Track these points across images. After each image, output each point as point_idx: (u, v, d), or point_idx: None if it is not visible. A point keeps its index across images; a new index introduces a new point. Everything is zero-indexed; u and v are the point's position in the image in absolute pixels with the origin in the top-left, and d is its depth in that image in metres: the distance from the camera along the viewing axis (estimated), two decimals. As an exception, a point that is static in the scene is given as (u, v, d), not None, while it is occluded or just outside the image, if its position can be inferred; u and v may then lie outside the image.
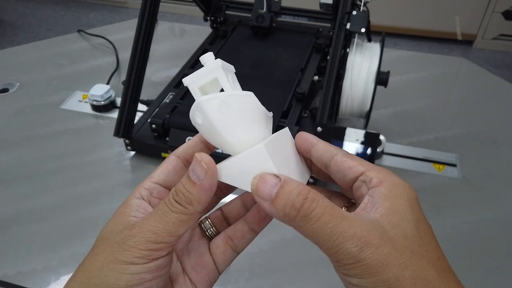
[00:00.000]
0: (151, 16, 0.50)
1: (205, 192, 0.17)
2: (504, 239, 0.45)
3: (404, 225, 0.17)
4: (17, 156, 0.55)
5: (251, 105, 0.19)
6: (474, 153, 0.56)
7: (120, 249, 0.17)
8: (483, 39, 1.75)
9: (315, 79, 0.59)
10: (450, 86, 0.71)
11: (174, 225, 0.17)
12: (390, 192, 0.18)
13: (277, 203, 0.17)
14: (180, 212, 0.17)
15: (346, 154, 0.19)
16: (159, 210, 0.18)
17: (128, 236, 0.17)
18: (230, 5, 0.72)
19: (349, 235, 0.16)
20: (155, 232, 0.17)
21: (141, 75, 0.51)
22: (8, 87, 0.69)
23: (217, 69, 0.19)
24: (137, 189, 0.20)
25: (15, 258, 0.43)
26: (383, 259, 0.15)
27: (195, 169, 0.17)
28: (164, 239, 0.17)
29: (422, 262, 0.16)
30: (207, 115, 0.18)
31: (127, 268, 0.17)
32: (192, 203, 0.17)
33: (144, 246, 0.17)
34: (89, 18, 2.04)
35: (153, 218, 0.18)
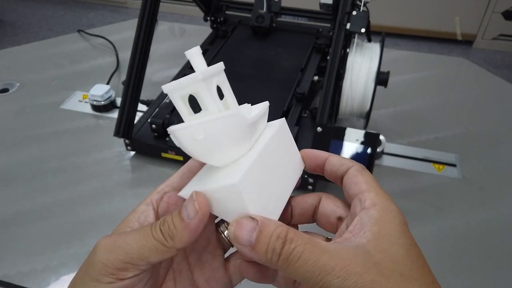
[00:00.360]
0: (151, 16, 0.50)
1: (189, 232, 0.17)
2: (504, 239, 0.45)
3: (393, 249, 0.17)
4: (17, 156, 0.55)
5: (232, 126, 0.18)
6: (474, 153, 0.56)
7: (92, 262, 0.17)
8: (483, 39, 1.75)
9: (315, 79, 0.59)
10: (450, 86, 0.71)
11: (149, 251, 0.17)
12: (381, 216, 0.18)
13: (258, 249, 0.16)
14: (159, 241, 0.17)
15: (358, 169, 0.20)
16: (141, 230, 0.17)
17: (99, 245, 0.17)
18: (230, 5, 0.72)
19: (330, 267, 0.15)
20: (126, 251, 0.17)
21: (141, 75, 0.51)
22: (8, 87, 0.69)
23: (198, 83, 0.18)
24: (150, 193, 0.20)
25: (15, 258, 0.43)
26: (368, 286, 0.15)
27: (187, 207, 0.17)
28: (132, 260, 0.17)
29: (414, 286, 0.16)
30: (182, 144, 0.18)
31: (94, 286, 0.16)
32: (173, 238, 0.17)
33: (111, 263, 0.16)
34: (89, 18, 2.04)
35: (132, 236, 0.17)
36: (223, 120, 0.18)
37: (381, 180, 0.51)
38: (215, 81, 0.18)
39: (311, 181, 0.47)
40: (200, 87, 0.18)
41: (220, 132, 0.18)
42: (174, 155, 0.52)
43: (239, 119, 0.18)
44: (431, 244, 0.44)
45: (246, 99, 0.20)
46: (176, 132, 0.18)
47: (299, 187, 0.22)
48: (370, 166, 0.43)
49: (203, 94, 0.18)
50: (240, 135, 0.18)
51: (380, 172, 0.53)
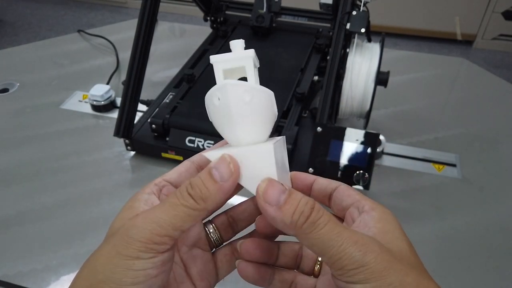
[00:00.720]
0: (151, 16, 0.50)
1: (223, 194, 0.17)
2: (503, 239, 0.45)
3: (398, 243, 0.18)
4: (17, 156, 0.55)
5: (269, 104, 0.19)
6: (474, 153, 0.56)
7: (124, 242, 0.16)
8: (483, 39, 1.75)
9: (315, 79, 0.59)
10: (450, 86, 0.71)
11: (181, 219, 0.17)
12: (381, 216, 0.19)
13: (286, 209, 0.17)
14: (190, 207, 0.17)
15: (348, 186, 0.21)
16: (167, 202, 0.17)
17: (130, 226, 0.17)
18: (230, 5, 0.72)
19: (353, 241, 0.16)
20: (160, 224, 0.17)
21: (141, 75, 0.51)
22: (8, 87, 0.69)
23: (248, 59, 0.19)
24: (147, 185, 0.20)
25: (15, 258, 0.43)
26: (386, 264, 0.16)
27: (220, 168, 0.17)
28: (168, 232, 0.17)
29: (421, 274, 0.17)
30: (229, 100, 0.18)
31: (133, 264, 0.16)
32: (206, 200, 0.17)
33: (149, 239, 0.16)
34: (89, 18, 2.04)
35: (160, 209, 0.17)
36: (267, 94, 0.19)
37: (381, 180, 0.51)
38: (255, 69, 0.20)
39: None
40: (249, 63, 0.19)
41: (262, 103, 0.19)
42: (174, 155, 0.52)
43: (274, 100, 0.20)
44: (431, 244, 0.44)
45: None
46: (229, 86, 0.18)
47: None
48: (370, 166, 0.44)
49: (249, 70, 0.19)
50: (270, 116, 0.19)
51: (380, 172, 0.53)
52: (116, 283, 0.16)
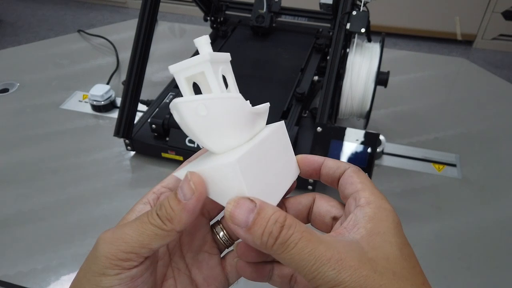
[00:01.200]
0: (151, 16, 0.50)
1: (187, 213, 0.17)
2: (504, 239, 0.45)
3: (386, 247, 0.17)
4: (17, 156, 0.55)
5: (234, 109, 0.18)
6: (474, 153, 0.56)
7: (93, 258, 0.17)
8: (483, 39, 1.76)
9: (315, 79, 0.59)
10: (450, 86, 0.71)
11: (148, 237, 0.17)
12: (375, 214, 0.18)
13: (255, 231, 0.16)
14: (157, 226, 0.17)
15: (354, 170, 0.20)
16: (138, 219, 0.17)
17: (100, 241, 0.17)
18: (230, 5, 0.72)
19: (327, 258, 0.15)
20: (126, 241, 0.17)
21: (141, 75, 0.51)
22: (8, 87, 0.69)
23: (205, 63, 0.18)
24: (146, 194, 0.20)
25: (15, 258, 0.43)
26: (362, 281, 0.15)
27: (183, 188, 0.17)
28: (134, 249, 0.17)
29: (406, 285, 0.16)
30: (184, 118, 0.17)
31: (100, 280, 0.16)
32: (172, 221, 0.17)
33: (115, 256, 0.16)
34: (89, 18, 2.04)
35: (129, 226, 0.17)
36: (227, 101, 0.18)
37: (381, 180, 0.51)
38: (221, 68, 0.19)
39: (311, 181, 0.47)
40: (207, 67, 0.18)
41: (222, 112, 0.18)
42: (174, 155, 0.52)
43: (242, 104, 0.18)
44: (431, 244, 0.44)
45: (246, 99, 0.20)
46: (180, 104, 0.17)
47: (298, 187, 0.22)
48: (370, 166, 0.43)
49: (208, 75, 0.18)
50: (240, 121, 0.18)
51: (380, 172, 0.53)
52: None
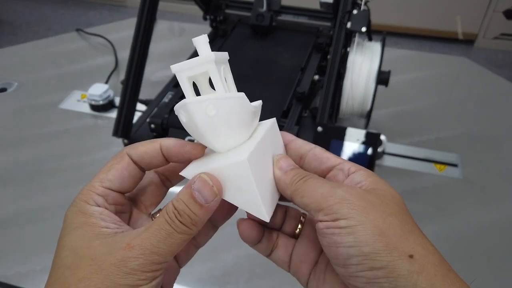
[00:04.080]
0: (150, 15, 0.50)
1: (209, 214, 0.18)
2: (505, 239, 0.45)
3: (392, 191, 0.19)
4: (16, 156, 0.55)
5: (240, 108, 0.19)
6: (475, 153, 0.56)
7: (121, 273, 0.16)
8: (484, 38, 1.75)
9: (316, 79, 0.59)
10: (451, 86, 0.70)
11: (178, 245, 0.17)
12: (369, 173, 0.19)
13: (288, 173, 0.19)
14: (185, 233, 0.17)
15: (324, 150, 0.21)
16: (162, 230, 0.17)
17: (128, 258, 0.16)
18: (229, 4, 0.71)
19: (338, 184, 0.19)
20: (159, 254, 0.17)
21: (140, 74, 0.51)
22: (6, 86, 0.68)
23: (209, 63, 0.18)
24: (87, 193, 0.19)
25: (14, 258, 0.43)
26: (368, 202, 0.17)
27: (203, 191, 0.17)
28: (166, 259, 0.17)
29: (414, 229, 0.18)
30: (193, 118, 0.18)
31: None
32: (196, 225, 0.17)
33: (148, 268, 0.17)
34: (88, 17, 2.03)
35: (156, 238, 0.17)
36: (234, 100, 0.18)
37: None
38: (223, 67, 0.19)
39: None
40: (212, 67, 0.18)
41: (230, 111, 0.18)
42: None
43: (246, 103, 0.19)
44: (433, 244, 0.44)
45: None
46: (190, 105, 0.18)
47: None
48: (371, 166, 0.43)
49: (213, 75, 0.18)
50: (244, 120, 0.19)
51: (381, 172, 0.52)
52: None
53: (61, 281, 0.16)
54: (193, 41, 0.18)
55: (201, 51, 0.18)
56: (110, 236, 0.17)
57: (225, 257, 0.42)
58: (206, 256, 0.42)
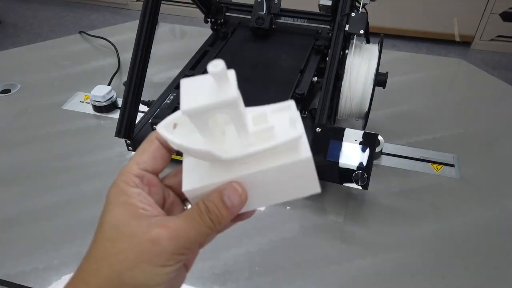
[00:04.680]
0: (152, 18, 0.51)
1: (232, 216, 0.20)
2: (501, 239, 0.45)
3: None
4: (19, 156, 0.56)
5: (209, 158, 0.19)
6: (472, 153, 0.56)
7: (155, 251, 0.18)
8: (481, 40, 1.76)
9: (314, 80, 0.60)
10: (448, 87, 0.71)
11: (203, 237, 0.19)
12: None
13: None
14: (210, 228, 0.19)
15: None
16: (194, 220, 0.19)
17: (163, 238, 0.18)
18: (230, 7, 0.72)
19: None
20: (188, 239, 0.19)
21: (142, 76, 0.52)
22: (10, 88, 0.69)
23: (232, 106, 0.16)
24: (127, 175, 0.21)
25: (17, 257, 0.43)
26: None
27: (232, 197, 0.20)
28: (192, 246, 0.19)
29: None
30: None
31: (161, 270, 0.18)
32: (221, 223, 0.20)
33: (178, 251, 0.19)
34: (91, 19, 2.04)
35: (188, 226, 0.19)
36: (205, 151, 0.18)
37: (380, 180, 0.52)
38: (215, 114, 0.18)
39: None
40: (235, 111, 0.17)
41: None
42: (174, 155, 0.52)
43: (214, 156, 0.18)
44: (430, 243, 0.45)
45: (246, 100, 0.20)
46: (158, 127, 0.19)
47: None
48: (369, 166, 0.44)
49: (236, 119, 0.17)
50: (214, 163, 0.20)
51: (379, 172, 0.53)
52: (144, 285, 0.18)
53: (102, 251, 0.19)
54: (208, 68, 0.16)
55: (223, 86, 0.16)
56: (147, 218, 0.19)
57: (225, 255, 0.43)
58: (207, 255, 0.43)
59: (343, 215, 0.48)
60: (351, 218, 0.47)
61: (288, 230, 0.46)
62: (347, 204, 0.49)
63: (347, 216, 0.48)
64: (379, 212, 0.48)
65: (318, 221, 0.47)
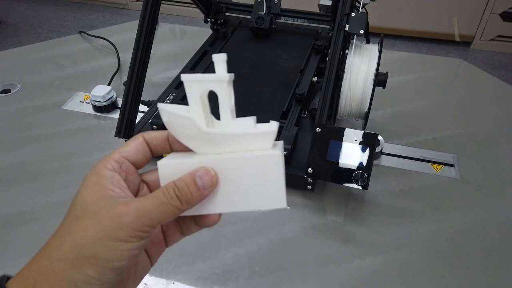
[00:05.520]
0: (152, 18, 0.51)
1: (201, 199, 0.20)
2: (501, 238, 0.45)
3: None
4: (19, 157, 0.56)
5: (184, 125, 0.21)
6: (471, 153, 0.56)
7: (115, 227, 0.19)
8: (481, 40, 1.76)
9: (314, 80, 0.60)
10: (448, 87, 0.71)
11: (166, 215, 0.20)
12: None
13: None
14: (175, 207, 0.20)
15: None
16: (157, 199, 0.20)
17: (123, 214, 0.19)
18: (230, 7, 0.72)
19: None
20: (150, 218, 0.19)
21: (142, 76, 0.52)
22: (10, 88, 0.69)
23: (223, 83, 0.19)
24: (107, 159, 0.21)
25: (17, 257, 0.43)
26: None
27: (204, 178, 0.20)
28: (154, 224, 0.20)
29: None
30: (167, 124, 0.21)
31: (121, 245, 0.19)
32: (188, 203, 0.20)
33: (138, 228, 0.19)
34: (91, 19, 2.04)
35: (151, 204, 0.20)
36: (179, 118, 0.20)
37: (380, 180, 0.52)
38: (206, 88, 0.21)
39: (310, 181, 0.48)
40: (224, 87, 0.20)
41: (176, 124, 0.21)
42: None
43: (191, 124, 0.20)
44: (430, 243, 0.45)
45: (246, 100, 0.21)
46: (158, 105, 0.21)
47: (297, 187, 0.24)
48: (369, 166, 0.44)
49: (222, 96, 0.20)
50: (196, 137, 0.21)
51: (379, 172, 0.53)
52: (104, 260, 0.19)
53: (67, 228, 0.20)
54: (213, 57, 0.20)
55: (219, 68, 0.20)
56: (115, 199, 0.20)
57: (225, 255, 0.43)
58: (207, 254, 0.43)
59: (343, 215, 0.48)
60: (351, 218, 0.47)
61: (288, 230, 0.46)
62: (347, 204, 0.49)
63: (347, 216, 0.48)
64: (379, 212, 0.48)
65: (318, 221, 0.47)
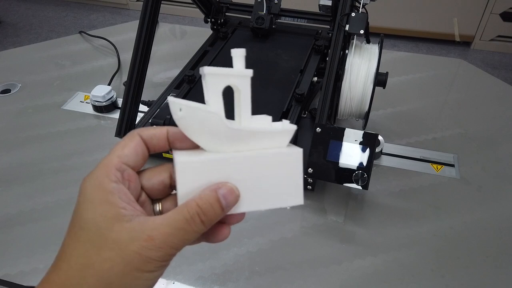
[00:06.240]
0: (152, 18, 0.51)
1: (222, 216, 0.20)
2: (501, 239, 0.45)
3: None
4: (19, 157, 0.56)
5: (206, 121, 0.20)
6: (471, 153, 0.56)
7: (142, 261, 0.18)
8: (481, 40, 1.76)
9: (315, 80, 0.60)
10: (448, 87, 0.71)
11: (189, 241, 0.19)
12: None
13: None
14: (199, 231, 0.19)
15: None
16: (181, 230, 0.19)
17: (149, 249, 0.18)
18: (230, 7, 0.72)
19: None
20: (176, 247, 0.19)
21: (142, 76, 0.52)
22: (10, 88, 0.69)
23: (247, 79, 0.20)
24: (108, 168, 0.19)
25: (17, 257, 0.43)
26: None
27: (228, 198, 0.19)
28: (177, 251, 0.19)
29: None
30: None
31: (148, 275, 0.19)
32: (211, 223, 0.19)
33: (165, 259, 0.19)
34: (91, 19, 2.04)
35: (174, 234, 0.19)
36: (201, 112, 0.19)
37: (380, 180, 0.52)
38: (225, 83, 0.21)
39: (310, 181, 0.48)
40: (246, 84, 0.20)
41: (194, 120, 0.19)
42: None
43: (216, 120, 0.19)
44: (430, 243, 0.45)
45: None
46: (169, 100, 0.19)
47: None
48: (369, 167, 0.44)
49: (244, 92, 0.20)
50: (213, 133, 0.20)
51: (379, 172, 0.53)
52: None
53: (86, 257, 0.18)
54: (232, 52, 0.20)
55: (238, 64, 0.20)
56: (129, 220, 0.18)
57: (225, 255, 0.43)
58: (207, 255, 0.43)
59: (343, 215, 0.48)
60: (351, 218, 0.47)
61: (288, 230, 0.46)
62: (347, 204, 0.49)
63: (347, 216, 0.48)
64: (379, 212, 0.48)
65: (318, 221, 0.47)
